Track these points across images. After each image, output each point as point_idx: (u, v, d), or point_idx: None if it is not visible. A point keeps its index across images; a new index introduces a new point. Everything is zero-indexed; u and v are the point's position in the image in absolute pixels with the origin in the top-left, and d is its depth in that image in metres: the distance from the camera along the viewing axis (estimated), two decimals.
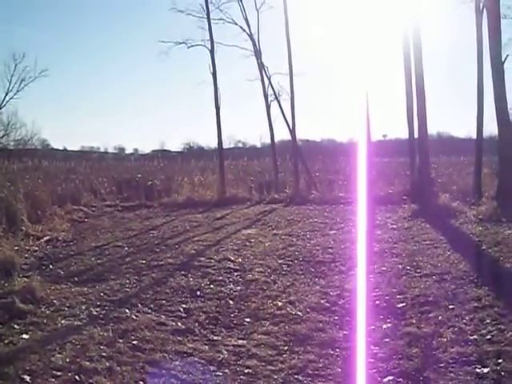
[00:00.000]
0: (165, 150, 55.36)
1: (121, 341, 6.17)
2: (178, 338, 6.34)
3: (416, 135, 18.03)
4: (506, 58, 15.94)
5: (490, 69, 16.30)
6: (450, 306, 6.95)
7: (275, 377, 5.27)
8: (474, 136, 20.61)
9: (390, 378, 5.09)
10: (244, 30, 24.18)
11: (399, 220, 14.04)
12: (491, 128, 19.37)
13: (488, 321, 6.34)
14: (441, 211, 14.65)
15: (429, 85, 16.65)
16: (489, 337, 5.86)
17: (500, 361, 5.23)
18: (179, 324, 6.85)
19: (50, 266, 10.21)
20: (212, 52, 22.98)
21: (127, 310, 7.33)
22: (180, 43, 23.57)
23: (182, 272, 9.37)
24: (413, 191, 17.04)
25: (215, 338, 6.42)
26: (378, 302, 7.32)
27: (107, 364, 5.48)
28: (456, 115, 66.35)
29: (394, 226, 13.16)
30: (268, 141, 28.40)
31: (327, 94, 65.15)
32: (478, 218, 13.64)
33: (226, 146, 32.56)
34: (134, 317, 7.07)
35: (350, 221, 14.05)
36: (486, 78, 17.93)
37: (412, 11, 17.57)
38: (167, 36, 36.03)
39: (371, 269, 8.95)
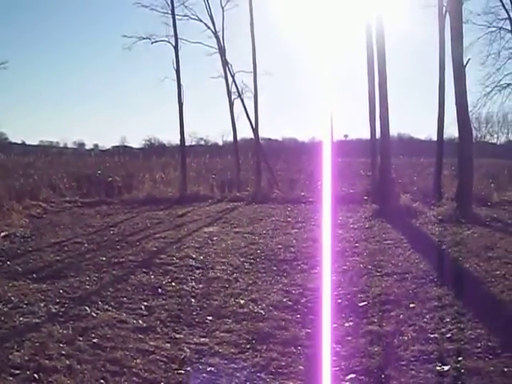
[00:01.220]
0: (126, 146, 54.68)
1: (81, 339, 6.08)
2: (140, 336, 6.26)
3: (378, 136, 18.20)
4: (467, 62, 16.16)
5: (451, 72, 16.52)
6: (411, 305, 7.03)
7: (238, 375, 5.25)
8: (435, 138, 20.99)
9: (352, 375, 5.11)
10: (209, 28, 24.12)
11: (360, 220, 14.16)
12: (452, 130, 19.75)
13: (448, 319, 6.44)
14: (401, 211, 14.84)
15: (391, 86, 16.77)
16: (449, 335, 5.94)
17: (460, 359, 5.30)
18: (140, 322, 6.77)
19: (8, 263, 10.02)
20: (176, 48, 22.88)
21: (87, 308, 7.23)
22: (143, 38, 23.38)
23: (143, 269, 9.29)
24: (374, 191, 17.16)
25: (177, 335, 6.36)
26: (340, 301, 7.36)
27: (67, 362, 5.38)
28: (417, 117, 67.15)
29: (356, 226, 13.27)
30: (230, 139, 28.44)
31: (290, 93, 65.29)
32: (438, 219, 13.84)
33: (188, 143, 32.43)
34: (94, 314, 6.98)
35: (312, 220, 14.13)
36: (448, 81, 18.21)
37: (376, 13, 17.68)
38: (131, 31, 35.73)
39: (333, 268, 8.99)
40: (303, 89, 57.67)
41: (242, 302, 7.48)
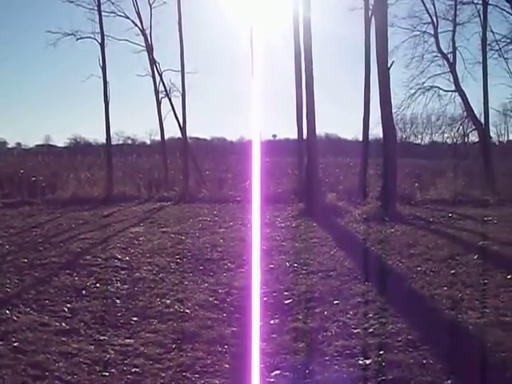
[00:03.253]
0: (50, 145, 53.35)
1: (1, 343, 5.91)
2: (62, 339, 6.12)
3: (305, 136, 18.41)
4: (391, 64, 16.54)
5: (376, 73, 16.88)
6: (335, 302, 7.16)
7: (163, 375, 5.21)
8: (361, 138, 21.38)
9: (277, 372, 5.16)
10: (136, 25, 23.95)
11: (287, 219, 14.31)
12: (378, 131, 20.15)
13: (371, 315, 6.60)
14: (327, 210, 15.09)
15: (319, 87, 17.01)
16: (371, 330, 6.09)
17: (381, 352, 5.44)
18: (63, 324, 6.62)
19: None
20: (102, 45, 22.51)
21: (7, 311, 7.02)
22: (69, 35, 22.97)
23: (67, 271, 9.09)
24: (301, 190, 17.37)
25: (101, 337, 6.25)
26: (265, 299, 7.41)
27: None
28: (344, 118, 68.21)
29: (283, 225, 13.41)
30: (158, 138, 28.23)
31: (220, 92, 65.17)
32: (363, 217, 14.15)
33: (114, 142, 32.00)
34: (14, 318, 6.79)
35: (240, 219, 14.20)
36: (374, 82, 18.62)
37: (303, 15, 17.87)
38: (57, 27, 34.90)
39: (260, 266, 9.04)
40: (232, 88, 57.70)
41: (168, 302, 7.43)
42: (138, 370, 5.34)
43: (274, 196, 18.08)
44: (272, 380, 5.03)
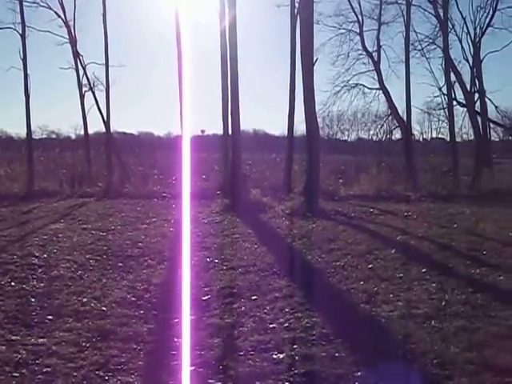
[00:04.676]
0: None
1: None
2: None
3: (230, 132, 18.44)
4: (315, 61, 16.76)
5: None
6: (253, 297, 7.22)
7: (75, 374, 5.10)
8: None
9: (191, 368, 5.14)
10: (59, 16, 23.46)
11: (211, 214, 14.31)
12: (304, 127, 20.37)
13: (287, 310, 6.69)
14: (252, 206, 15.18)
15: (247, 83, 17.12)
16: (286, 325, 6.18)
17: (295, 346, 5.53)
18: None
19: None
20: (23, 36, 21.92)
21: None
22: None
23: None
24: (225, 186, 17.40)
25: (13, 337, 6.07)
26: (183, 295, 7.37)
27: None
28: (272, 114, 68.65)
29: (206, 221, 13.40)
30: (83, 132, 27.67)
31: (148, 86, 64.36)
32: (286, 213, 14.31)
33: (37, 136, 31.19)
34: None
35: (163, 215, 14.12)
36: (299, 79, 18.79)
37: (228, 11, 17.88)
38: None
39: (180, 262, 9.01)
40: (161, 82, 57.24)
41: (85, 300, 7.29)
42: (49, 369, 5.21)
43: (200, 192, 18.03)
44: (185, 376, 5.02)
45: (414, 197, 18.46)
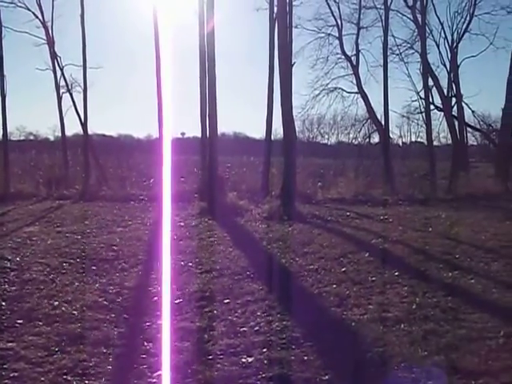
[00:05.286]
0: None
1: None
2: None
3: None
4: (293, 65, 16.82)
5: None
6: (225, 301, 7.22)
7: (42, 379, 5.07)
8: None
9: (160, 372, 5.14)
10: (37, 17, 23.30)
11: (188, 217, 14.29)
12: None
13: (258, 313, 6.71)
14: (228, 209, 15.18)
15: (228, 86, 17.18)
16: (257, 328, 6.19)
17: (264, 350, 5.53)
18: None
19: None
20: None
21: None
22: None
23: None
24: (203, 189, 17.38)
25: None
26: (156, 299, 7.37)
27: None
28: (252, 117, 68.68)
29: (182, 224, 13.37)
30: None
31: (128, 88, 64.07)
32: (263, 216, 14.33)
33: (15, 137, 30.94)
34: None
35: (139, 218, 14.09)
36: (278, 82, 18.82)
37: (206, 13, 17.86)
38: None
39: (154, 266, 9.01)
40: (142, 84, 57.01)
41: (56, 303, 7.24)
42: (16, 374, 5.17)
43: (178, 194, 17.90)
44: (154, 380, 5.01)
45: (391, 200, 18.54)
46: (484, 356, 5.37)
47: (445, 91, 27.70)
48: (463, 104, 28.04)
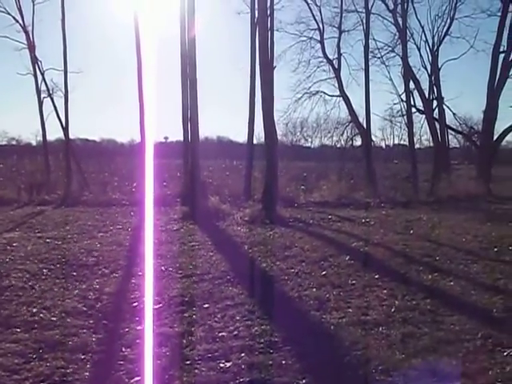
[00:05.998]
0: None
1: None
2: None
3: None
4: (275, 67, 16.87)
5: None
6: (205, 306, 7.20)
7: None
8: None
9: (137, 378, 5.11)
10: (17, 21, 23.21)
11: (169, 222, 14.25)
12: None
13: (238, 318, 6.70)
14: (210, 213, 15.15)
15: (211, 90, 17.18)
16: (235, 333, 6.18)
17: (242, 355, 5.53)
18: None
19: None
20: None
21: None
22: None
23: None
24: (185, 193, 17.36)
25: None
26: (135, 304, 7.33)
27: None
28: (236, 121, 68.80)
29: (164, 228, 13.33)
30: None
31: (112, 93, 63.93)
32: (245, 220, 14.34)
33: None
34: None
35: (121, 223, 14.03)
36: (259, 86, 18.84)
37: (187, 18, 17.85)
38: None
39: (134, 271, 8.99)
40: (125, 89, 56.92)
41: (35, 310, 7.18)
42: None
43: (160, 199, 17.89)
44: None
45: (373, 203, 18.64)
46: (461, 358, 5.40)
47: (426, 94, 27.93)
48: (444, 106, 28.30)
